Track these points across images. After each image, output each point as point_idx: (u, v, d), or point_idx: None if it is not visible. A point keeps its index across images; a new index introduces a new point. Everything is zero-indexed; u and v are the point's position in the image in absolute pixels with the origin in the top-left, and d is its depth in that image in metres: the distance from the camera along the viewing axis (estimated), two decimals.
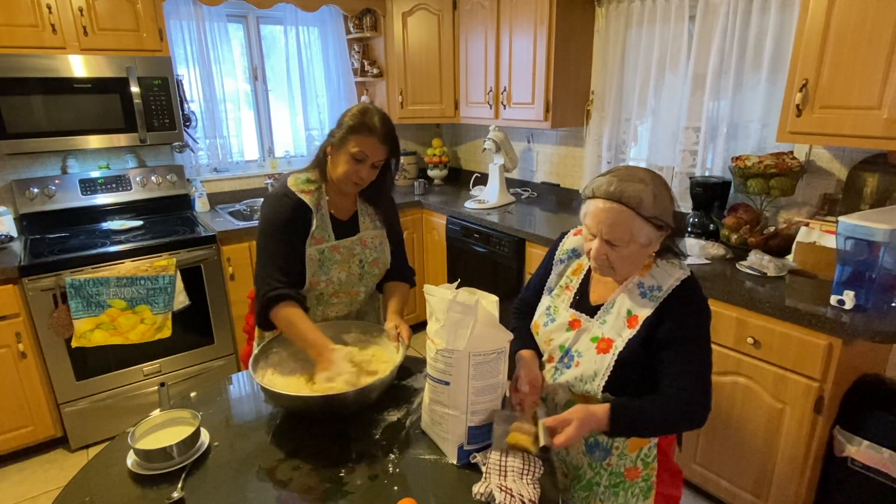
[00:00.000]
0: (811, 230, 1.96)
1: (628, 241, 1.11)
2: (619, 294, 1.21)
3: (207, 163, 3.30)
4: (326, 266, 1.55)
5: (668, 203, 1.12)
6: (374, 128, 1.43)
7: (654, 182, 1.11)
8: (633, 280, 1.19)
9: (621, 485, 1.27)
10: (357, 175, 1.47)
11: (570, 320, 1.27)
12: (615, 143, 2.92)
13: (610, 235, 1.11)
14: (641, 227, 1.10)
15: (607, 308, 1.22)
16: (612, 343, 1.18)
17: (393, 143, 1.49)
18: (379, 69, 3.62)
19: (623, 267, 1.16)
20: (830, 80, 1.78)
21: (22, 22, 2.37)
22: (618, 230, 1.10)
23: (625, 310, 1.19)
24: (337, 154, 1.48)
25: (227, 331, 2.86)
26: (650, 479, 1.27)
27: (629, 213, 1.09)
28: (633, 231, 1.10)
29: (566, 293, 1.31)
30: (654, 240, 1.13)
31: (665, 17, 2.52)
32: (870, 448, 1.71)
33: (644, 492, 1.27)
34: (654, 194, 1.09)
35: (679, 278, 1.16)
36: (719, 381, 1.96)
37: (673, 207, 1.13)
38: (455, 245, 3.26)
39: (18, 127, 2.41)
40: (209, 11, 3.03)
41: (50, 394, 2.49)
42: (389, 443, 1.22)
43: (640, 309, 1.17)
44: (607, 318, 1.21)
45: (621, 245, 1.12)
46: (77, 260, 2.39)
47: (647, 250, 1.15)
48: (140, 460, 1.14)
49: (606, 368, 1.17)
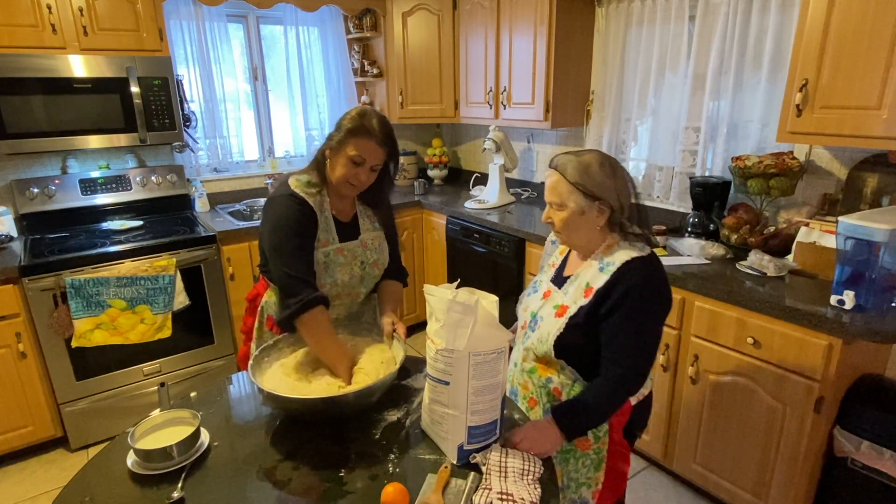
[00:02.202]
0: (811, 230, 1.96)
1: (560, 203, 1.28)
2: (583, 268, 1.34)
3: (207, 163, 3.30)
4: (332, 269, 1.54)
5: (599, 177, 1.24)
6: (372, 131, 1.43)
7: (590, 157, 1.27)
8: (596, 256, 1.33)
9: (572, 452, 1.37)
10: (356, 178, 1.46)
11: (545, 291, 1.43)
12: (615, 143, 2.92)
13: (549, 198, 1.31)
14: (571, 193, 1.26)
15: (572, 280, 1.36)
16: (566, 308, 1.32)
17: (391, 146, 1.48)
18: (379, 69, 3.62)
19: (569, 233, 1.32)
20: (830, 80, 1.78)
21: (22, 22, 2.37)
22: (553, 193, 1.29)
23: (584, 282, 1.32)
24: (335, 157, 1.47)
25: (227, 331, 2.86)
26: (601, 453, 1.36)
27: (560, 177, 1.27)
28: (562, 194, 1.27)
29: (551, 270, 1.49)
30: (587, 208, 1.26)
31: (665, 17, 2.52)
32: (870, 448, 1.71)
33: (595, 463, 1.37)
34: (583, 165, 1.25)
35: (633, 256, 1.26)
36: (719, 381, 1.97)
37: (613, 185, 1.25)
38: (455, 245, 3.26)
39: (18, 127, 2.41)
40: (209, 11, 3.03)
41: (50, 394, 2.49)
42: (389, 443, 1.22)
43: (595, 281, 1.29)
44: (570, 289, 1.35)
45: (556, 208, 1.30)
46: (77, 260, 2.39)
47: (586, 220, 1.28)
48: (140, 460, 1.14)
49: (557, 330, 1.30)
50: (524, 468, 1.09)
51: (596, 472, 1.37)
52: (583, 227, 1.29)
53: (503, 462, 1.10)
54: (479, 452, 1.14)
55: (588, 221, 1.28)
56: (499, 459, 1.11)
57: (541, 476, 1.10)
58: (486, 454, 1.13)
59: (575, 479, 1.38)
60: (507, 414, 1.31)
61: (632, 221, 1.30)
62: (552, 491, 1.09)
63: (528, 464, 1.11)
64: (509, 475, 1.07)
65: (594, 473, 1.37)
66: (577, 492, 1.39)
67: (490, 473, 1.08)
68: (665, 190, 2.72)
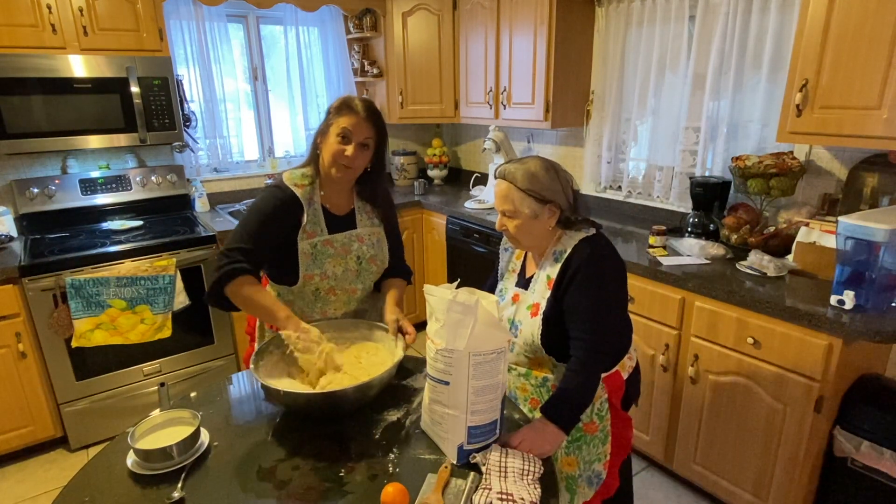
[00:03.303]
0: (811, 230, 1.96)
1: (514, 210, 1.33)
2: (542, 264, 1.41)
3: (207, 163, 3.29)
4: (319, 260, 1.56)
5: (546, 182, 1.31)
6: (354, 107, 1.48)
7: (534, 164, 1.33)
8: (549, 250, 1.39)
9: (583, 438, 1.43)
10: (343, 155, 1.48)
11: (512, 296, 1.47)
12: (615, 143, 2.92)
13: (500, 206, 1.36)
14: (523, 199, 1.31)
15: (535, 279, 1.42)
16: (539, 305, 1.37)
17: (377, 121, 1.51)
18: (379, 69, 3.62)
19: (523, 237, 1.37)
20: (830, 80, 1.78)
21: (22, 22, 2.37)
22: (505, 202, 1.34)
23: (545, 276, 1.38)
24: (325, 140, 1.51)
25: (227, 331, 2.85)
26: (606, 429, 1.43)
27: (510, 186, 1.33)
28: (514, 202, 1.32)
29: (513, 276, 1.54)
30: (540, 213, 1.33)
31: (665, 17, 2.52)
32: (870, 448, 1.71)
33: (602, 440, 1.44)
34: (528, 172, 1.31)
35: (580, 238, 1.34)
36: (719, 381, 1.97)
37: (559, 187, 1.33)
38: (455, 245, 3.26)
39: (18, 127, 2.41)
40: (209, 11, 3.03)
41: (50, 394, 2.49)
42: (389, 442, 1.22)
43: (553, 272, 1.36)
44: (536, 287, 1.40)
45: (511, 215, 1.35)
46: (77, 260, 2.39)
47: (539, 223, 1.34)
48: (140, 460, 1.14)
49: (538, 328, 1.36)
50: (524, 468, 1.09)
51: (604, 446, 1.44)
52: (536, 230, 1.36)
53: (503, 462, 1.10)
54: (479, 452, 1.14)
55: (541, 224, 1.35)
56: (499, 459, 1.11)
57: (541, 476, 1.10)
58: (486, 454, 1.13)
59: (588, 460, 1.44)
60: (507, 414, 1.31)
61: (575, 213, 1.36)
62: (552, 491, 1.09)
63: (528, 464, 1.11)
64: (509, 475, 1.07)
65: (602, 448, 1.44)
66: (591, 468, 1.45)
67: (490, 473, 1.08)
68: (665, 190, 2.72)
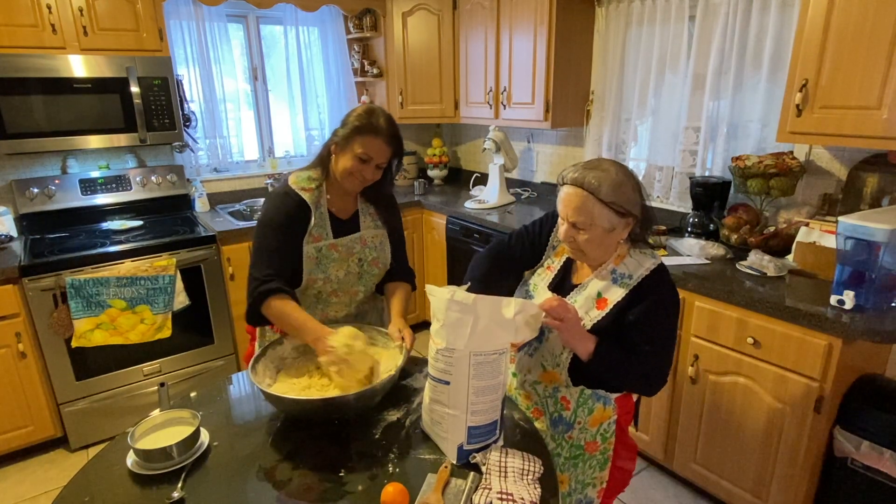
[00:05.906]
0: (811, 230, 1.96)
1: (590, 224, 1.20)
2: (592, 278, 1.30)
3: (207, 163, 3.29)
4: (324, 264, 1.55)
5: (630, 193, 1.20)
6: (379, 129, 1.44)
7: (617, 172, 1.19)
8: (607, 267, 1.28)
9: (580, 457, 1.37)
10: (361, 175, 1.48)
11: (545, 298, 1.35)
12: (615, 143, 2.91)
13: (574, 218, 1.21)
14: (602, 212, 1.19)
15: (580, 289, 1.31)
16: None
17: (397, 144, 1.50)
18: (379, 69, 3.62)
19: (592, 250, 1.25)
20: (830, 80, 1.78)
21: (22, 22, 2.37)
22: (580, 213, 1.20)
23: (595, 292, 1.28)
24: (341, 154, 1.49)
25: (227, 331, 2.85)
26: (607, 453, 1.37)
27: (589, 197, 1.18)
28: (593, 214, 1.19)
29: (547, 273, 1.40)
30: (617, 226, 1.22)
31: (665, 17, 2.52)
32: (870, 448, 1.71)
33: (601, 464, 1.37)
34: (614, 182, 1.18)
35: (649, 267, 1.25)
36: (719, 381, 1.97)
37: (638, 199, 1.22)
38: (455, 245, 3.26)
39: (18, 127, 2.41)
40: (209, 11, 3.03)
41: (50, 394, 2.49)
42: (389, 443, 1.22)
43: (610, 293, 1.26)
44: (578, 298, 1.30)
45: (585, 228, 1.21)
46: (77, 260, 2.39)
47: (612, 236, 1.23)
48: (140, 460, 1.14)
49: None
50: (524, 468, 1.09)
51: (601, 471, 1.38)
52: (607, 242, 1.24)
53: (503, 462, 1.10)
54: (479, 452, 1.14)
55: (614, 237, 1.24)
56: (499, 459, 1.11)
57: (541, 476, 1.10)
58: (486, 454, 1.13)
59: (581, 480, 1.39)
60: (507, 414, 1.31)
61: (646, 229, 1.28)
62: (552, 491, 1.09)
63: (528, 463, 1.11)
64: (509, 475, 1.07)
65: (599, 473, 1.39)
66: (583, 492, 1.40)
67: (490, 473, 1.08)
68: (665, 190, 2.72)
